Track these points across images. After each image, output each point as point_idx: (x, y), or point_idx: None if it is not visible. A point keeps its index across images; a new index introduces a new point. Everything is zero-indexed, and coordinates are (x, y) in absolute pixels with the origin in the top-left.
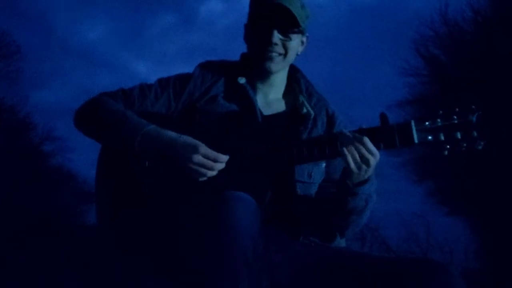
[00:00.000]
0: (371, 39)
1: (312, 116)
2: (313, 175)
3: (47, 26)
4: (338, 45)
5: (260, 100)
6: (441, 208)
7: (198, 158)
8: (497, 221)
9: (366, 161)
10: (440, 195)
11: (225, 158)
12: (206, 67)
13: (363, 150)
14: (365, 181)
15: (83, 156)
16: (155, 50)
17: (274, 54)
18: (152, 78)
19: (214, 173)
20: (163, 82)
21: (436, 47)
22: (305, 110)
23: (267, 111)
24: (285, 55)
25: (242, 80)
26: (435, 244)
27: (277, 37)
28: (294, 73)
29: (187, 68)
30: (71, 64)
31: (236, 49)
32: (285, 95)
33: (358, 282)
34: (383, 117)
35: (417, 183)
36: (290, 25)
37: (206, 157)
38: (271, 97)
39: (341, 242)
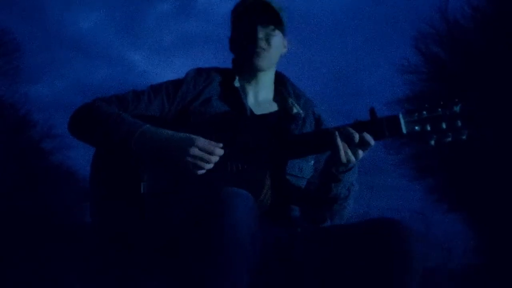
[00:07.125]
0: (371, 37)
1: (302, 116)
2: (303, 169)
3: (40, 16)
4: (338, 45)
5: (250, 101)
6: (440, 205)
7: (194, 150)
8: (496, 218)
9: (356, 154)
10: (439, 193)
11: (221, 151)
12: (197, 72)
13: (358, 143)
14: (349, 169)
15: (82, 153)
16: (151, 39)
17: (259, 49)
18: (149, 68)
19: (211, 166)
20: (155, 87)
21: (435, 44)
22: (295, 110)
23: (258, 111)
24: (269, 50)
25: (237, 83)
26: (434, 241)
27: (261, 31)
28: (280, 78)
29: (184, 57)
30: (65, 55)
31: None
32: (275, 98)
33: (329, 255)
34: (372, 111)
35: (416, 180)
36: (272, 20)
37: (203, 149)
38: (261, 99)
39: None
